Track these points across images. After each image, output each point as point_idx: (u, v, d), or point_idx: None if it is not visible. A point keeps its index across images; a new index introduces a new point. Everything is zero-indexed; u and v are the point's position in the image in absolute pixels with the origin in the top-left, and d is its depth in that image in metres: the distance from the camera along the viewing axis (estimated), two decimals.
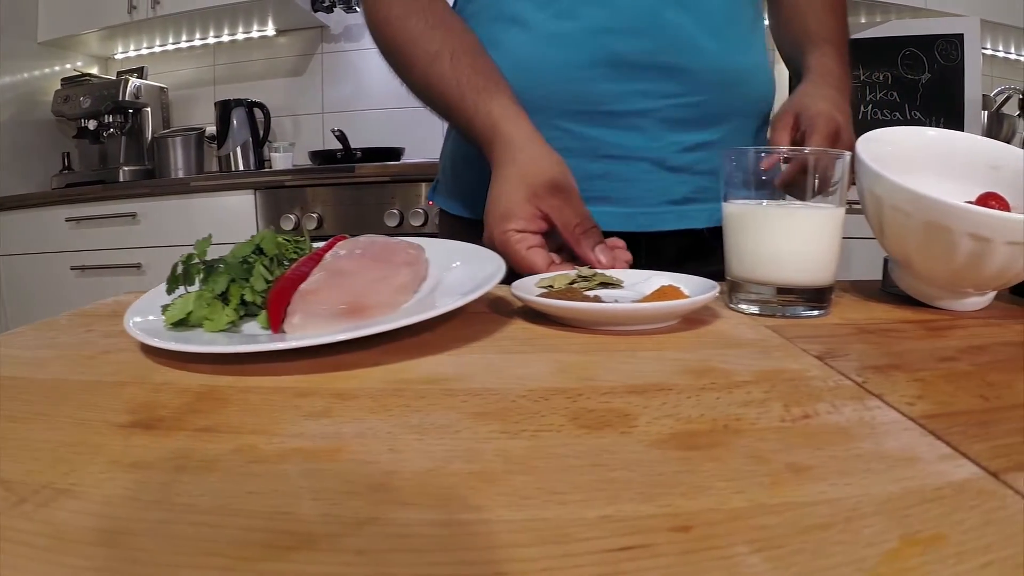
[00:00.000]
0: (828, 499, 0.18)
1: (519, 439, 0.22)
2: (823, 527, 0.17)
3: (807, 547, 0.16)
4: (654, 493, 0.18)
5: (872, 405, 0.25)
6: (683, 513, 0.17)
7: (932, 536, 0.16)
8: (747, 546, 0.16)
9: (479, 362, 0.30)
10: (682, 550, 0.15)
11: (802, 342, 0.33)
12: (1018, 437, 0.22)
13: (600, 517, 0.17)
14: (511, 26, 0.57)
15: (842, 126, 0.50)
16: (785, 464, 0.20)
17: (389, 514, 0.17)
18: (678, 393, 0.26)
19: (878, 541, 0.16)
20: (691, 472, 0.19)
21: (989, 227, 0.35)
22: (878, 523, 0.17)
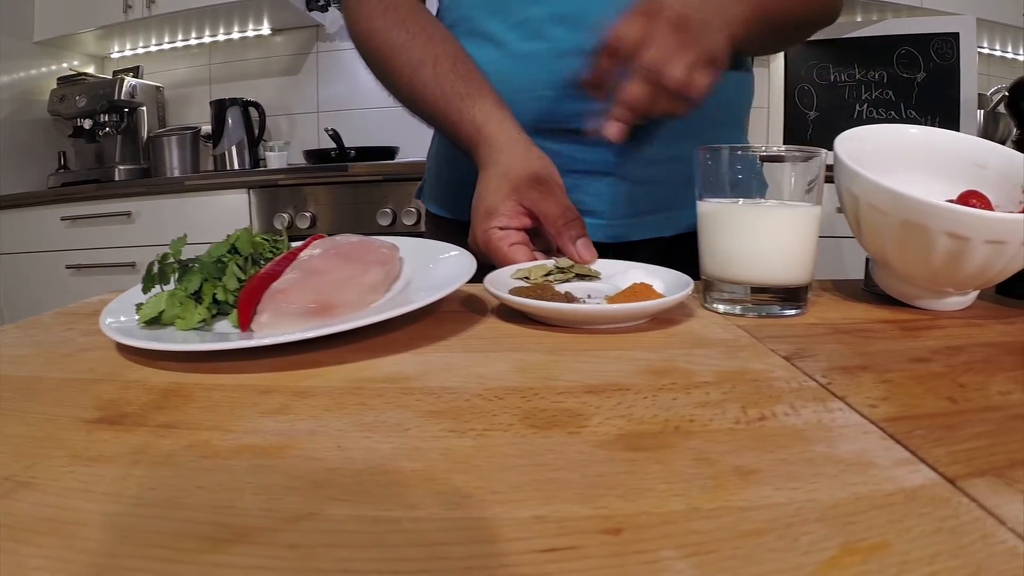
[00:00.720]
0: (770, 504, 0.17)
1: (466, 438, 0.22)
2: (760, 533, 0.16)
3: (740, 553, 0.15)
4: (591, 494, 0.18)
5: (833, 407, 0.24)
6: (617, 515, 0.17)
7: (875, 544, 0.16)
8: (676, 551, 0.15)
9: (441, 361, 0.30)
10: (610, 553, 0.15)
11: (772, 342, 0.33)
12: (983, 441, 0.22)
13: (533, 517, 0.17)
14: (483, 43, 0.57)
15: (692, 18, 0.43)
16: (731, 467, 0.20)
17: (326, 510, 0.17)
18: (635, 393, 0.26)
19: (816, 549, 0.16)
20: (633, 474, 0.19)
21: (967, 226, 0.35)
22: (819, 530, 0.16)
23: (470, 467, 0.19)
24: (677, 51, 0.42)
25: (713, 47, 0.44)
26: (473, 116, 0.51)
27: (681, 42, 0.42)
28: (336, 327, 0.31)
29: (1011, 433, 0.22)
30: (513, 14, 0.56)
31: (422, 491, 0.18)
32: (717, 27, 0.45)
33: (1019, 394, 0.26)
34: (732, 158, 0.39)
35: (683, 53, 0.42)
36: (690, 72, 0.42)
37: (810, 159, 0.39)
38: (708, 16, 0.44)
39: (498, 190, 0.48)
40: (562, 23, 0.55)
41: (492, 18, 0.57)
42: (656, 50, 0.42)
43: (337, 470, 0.19)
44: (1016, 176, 0.44)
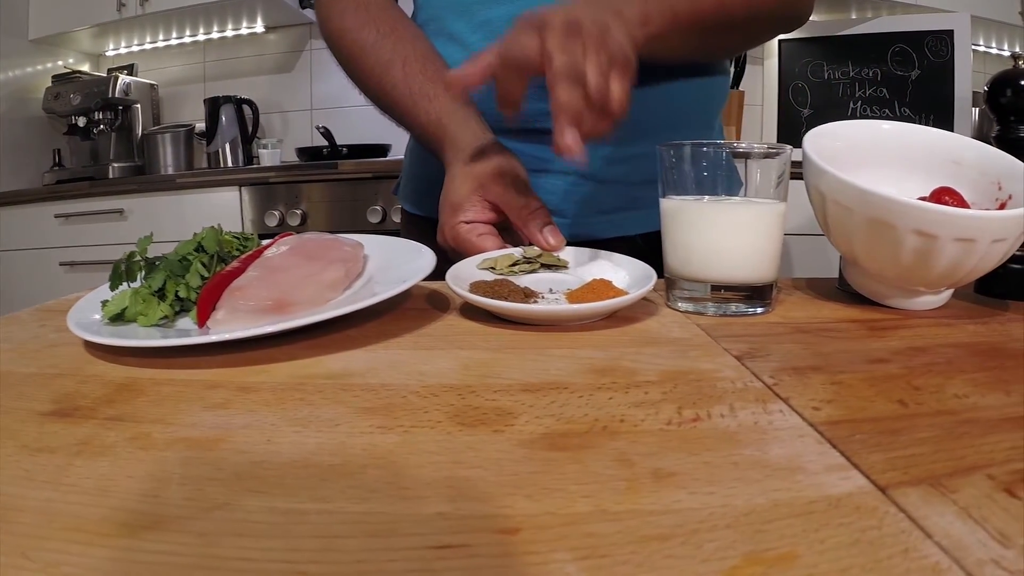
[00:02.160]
0: (680, 508, 0.17)
1: (391, 435, 0.22)
2: (662, 538, 0.16)
3: (636, 559, 0.15)
4: (499, 493, 0.18)
5: (773, 409, 0.23)
6: (518, 515, 0.17)
7: (782, 555, 0.15)
8: (570, 553, 0.15)
9: (389, 358, 0.30)
10: (500, 553, 0.15)
11: (728, 341, 0.32)
12: (926, 447, 0.21)
13: (435, 514, 0.17)
14: (449, 43, 0.57)
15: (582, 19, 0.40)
16: (650, 469, 0.19)
17: (241, 501, 0.18)
18: (572, 392, 0.25)
19: (718, 557, 0.15)
20: (546, 473, 0.19)
21: (934, 223, 0.34)
22: (727, 537, 0.16)
23: (387, 463, 0.20)
24: (583, 54, 0.39)
25: (618, 47, 0.40)
26: (439, 116, 0.51)
27: (584, 45, 0.39)
28: (281, 325, 0.31)
29: (959, 439, 0.21)
30: (476, 15, 0.56)
31: (336, 485, 0.18)
32: (615, 28, 0.41)
33: (976, 397, 0.25)
34: (694, 154, 0.38)
35: (590, 56, 0.39)
36: (604, 79, 0.39)
37: (774, 155, 0.37)
38: (600, 18, 0.41)
39: (463, 186, 0.48)
40: None
41: (458, 19, 0.57)
42: (565, 55, 0.38)
43: (261, 463, 0.20)
44: (993, 172, 0.43)
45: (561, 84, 0.39)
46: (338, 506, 0.17)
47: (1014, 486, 0.18)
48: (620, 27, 0.42)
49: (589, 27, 0.40)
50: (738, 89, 1.59)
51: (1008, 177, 0.42)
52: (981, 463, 0.19)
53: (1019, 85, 0.45)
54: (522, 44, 0.40)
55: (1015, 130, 0.46)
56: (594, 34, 0.40)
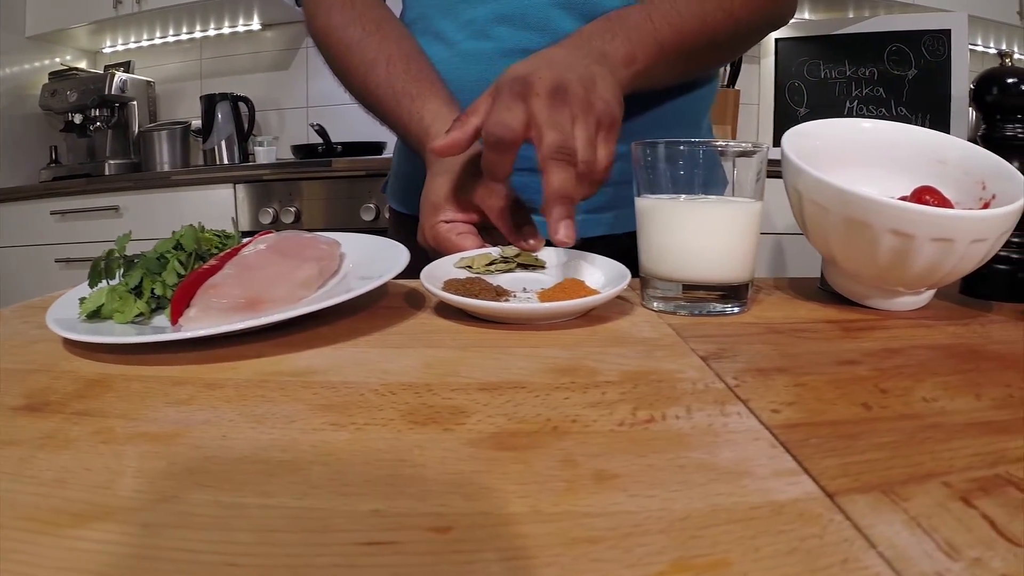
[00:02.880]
0: (616, 511, 0.16)
1: (343, 432, 0.22)
2: (592, 541, 0.15)
3: (561, 561, 0.15)
4: (437, 491, 0.18)
5: (731, 411, 0.23)
6: (453, 514, 0.17)
7: (713, 562, 0.14)
8: (497, 553, 0.15)
9: (355, 356, 0.30)
10: (428, 551, 0.15)
11: (697, 341, 0.31)
12: (884, 452, 0.20)
13: (371, 511, 0.17)
14: (435, 41, 0.57)
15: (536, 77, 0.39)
16: (593, 471, 0.19)
17: (188, 494, 0.18)
18: (529, 392, 0.25)
19: (645, 562, 0.14)
20: (488, 473, 0.19)
21: (910, 222, 0.33)
22: (658, 542, 0.15)
23: (334, 460, 0.20)
24: (571, 125, 0.38)
25: (605, 107, 0.39)
26: (422, 116, 0.51)
27: (571, 113, 0.38)
28: (248, 323, 0.31)
29: (920, 444, 0.20)
30: (461, 14, 0.56)
31: (280, 480, 0.18)
32: (601, 79, 0.40)
33: (944, 401, 0.24)
34: (668, 153, 0.37)
35: (578, 125, 0.38)
36: (592, 148, 0.38)
37: (750, 154, 0.37)
38: (586, 72, 0.40)
39: (443, 186, 0.48)
40: (504, 23, 0.55)
41: (443, 17, 0.57)
42: (555, 131, 0.37)
43: (213, 458, 0.20)
44: (977, 171, 0.42)
45: (553, 167, 0.37)
46: (279, 501, 0.17)
47: (971, 495, 0.17)
48: (606, 76, 0.41)
49: (575, 89, 0.39)
50: (734, 88, 1.58)
51: (992, 176, 0.41)
52: (939, 470, 0.19)
53: (1005, 83, 0.44)
54: (506, 123, 0.38)
55: (1001, 129, 0.45)
56: (580, 96, 0.38)
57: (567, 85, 0.38)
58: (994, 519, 0.16)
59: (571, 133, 0.38)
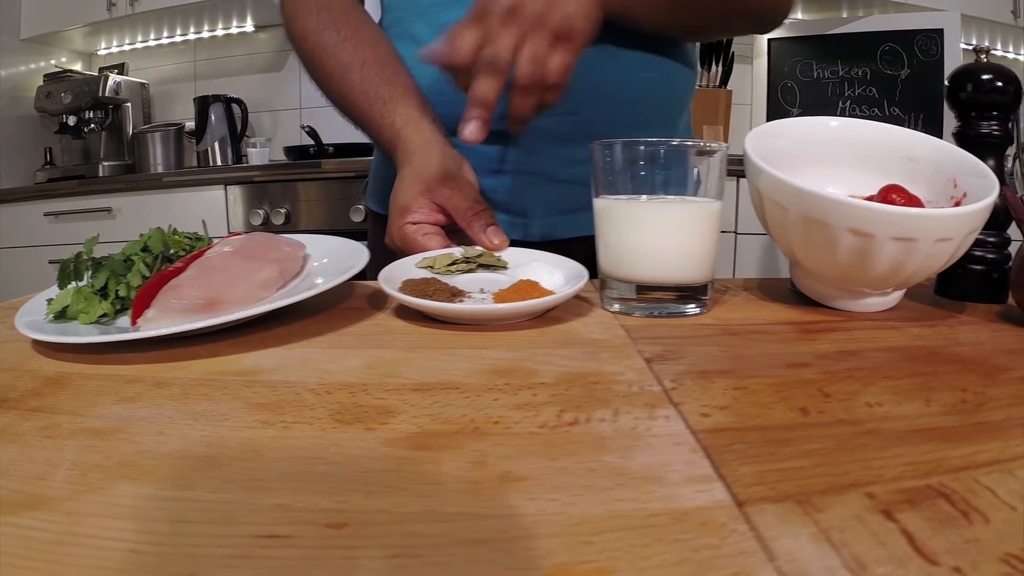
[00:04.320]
0: (513, 514, 0.16)
1: (270, 430, 0.22)
2: (479, 542, 0.15)
3: (443, 561, 0.15)
4: (343, 488, 0.18)
5: (660, 414, 0.22)
6: (351, 511, 0.17)
7: (595, 569, 0.14)
8: (383, 551, 0.15)
9: (303, 356, 0.31)
10: (319, 545, 0.15)
11: (646, 343, 0.30)
12: (810, 460, 0.19)
13: (276, 505, 0.17)
14: (412, 44, 0.57)
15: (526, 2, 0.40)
16: (500, 472, 0.18)
17: (114, 486, 0.18)
18: (461, 393, 0.25)
19: (527, 566, 0.14)
20: (397, 472, 0.19)
21: (869, 221, 0.32)
22: (546, 546, 0.15)
23: (255, 456, 0.20)
24: (518, 40, 0.40)
25: (562, 20, 0.41)
26: (393, 120, 0.52)
27: (521, 29, 0.40)
28: (198, 323, 0.32)
29: (851, 452, 0.19)
30: (436, 17, 0.56)
31: (201, 475, 0.19)
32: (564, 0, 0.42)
33: (890, 406, 0.23)
34: (625, 153, 0.36)
35: (528, 41, 0.40)
36: (538, 59, 0.40)
37: (709, 153, 0.36)
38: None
39: (411, 188, 0.48)
40: None
41: (419, 21, 0.58)
42: (493, 46, 0.40)
43: (145, 453, 0.21)
44: (947, 169, 0.41)
45: (478, 76, 0.40)
46: (195, 494, 0.18)
47: (895, 507, 0.16)
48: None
49: (531, 6, 0.40)
50: (726, 88, 1.57)
51: (963, 173, 0.40)
52: (866, 479, 0.18)
53: (980, 80, 0.43)
54: (456, 45, 0.41)
55: (976, 126, 0.44)
56: (535, 12, 0.40)
57: (524, 3, 0.40)
58: (914, 534, 0.15)
59: (507, 46, 0.40)
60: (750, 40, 1.68)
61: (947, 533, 0.15)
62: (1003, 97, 0.43)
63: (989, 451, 0.20)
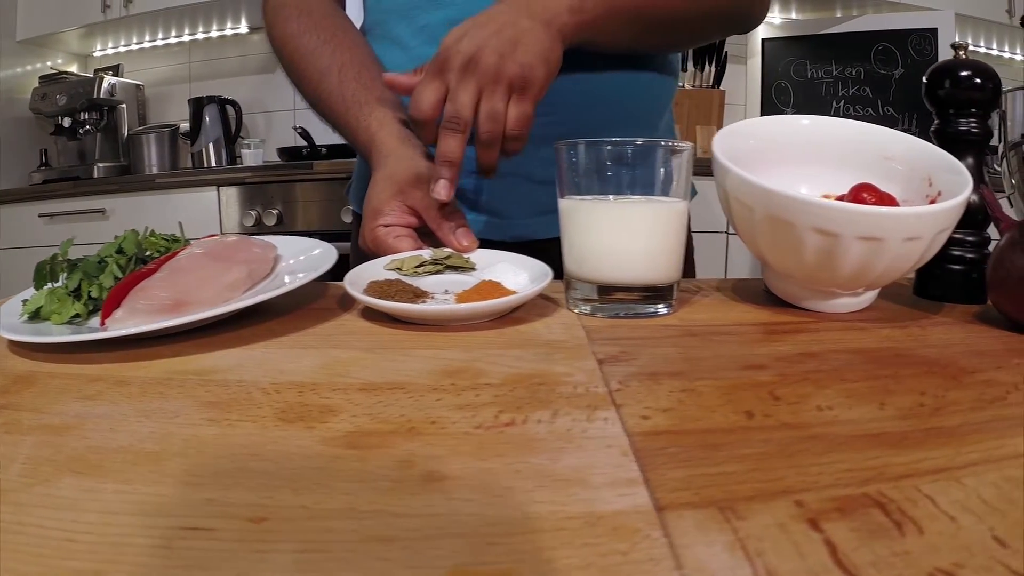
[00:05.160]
0: (427, 513, 0.16)
1: (215, 428, 0.22)
2: (387, 540, 0.15)
3: (350, 557, 0.15)
4: (271, 484, 0.18)
5: (599, 416, 0.21)
6: (273, 506, 0.17)
7: (496, 571, 0.14)
8: (296, 545, 0.15)
9: (262, 356, 0.31)
10: (236, 538, 0.16)
11: (603, 344, 0.30)
12: (742, 465, 0.18)
13: (204, 499, 0.17)
14: (392, 47, 0.58)
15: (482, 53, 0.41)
16: (424, 472, 0.18)
17: (62, 479, 0.19)
18: (405, 392, 0.25)
19: (428, 565, 0.14)
20: (325, 470, 0.19)
21: (833, 221, 0.31)
22: (452, 546, 0.15)
23: (197, 452, 0.20)
24: (476, 95, 0.42)
25: (519, 71, 0.42)
26: (369, 124, 0.52)
27: (478, 84, 0.42)
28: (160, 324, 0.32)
29: (789, 457, 0.19)
30: (416, 19, 0.57)
31: (142, 469, 0.19)
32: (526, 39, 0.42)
33: (841, 410, 0.22)
34: (588, 153, 0.35)
35: (485, 96, 0.42)
36: (495, 115, 0.42)
37: (675, 153, 0.35)
38: (511, 34, 0.42)
39: (384, 191, 0.49)
40: None
41: (399, 23, 0.58)
42: (452, 104, 0.42)
43: (96, 448, 0.21)
44: (922, 167, 0.40)
45: (442, 135, 0.43)
46: (134, 487, 0.18)
47: (823, 516, 0.16)
48: (534, 32, 0.43)
49: (488, 59, 0.41)
50: (719, 88, 1.56)
51: (938, 171, 0.39)
52: (798, 486, 0.17)
53: (958, 76, 0.43)
54: (419, 103, 0.43)
55: (955, 123, 0.43)
56: (491, 66, 0.41)
57: (480, 57, 0.41)
58: (838, 545, 0.14)
59: (467, 104, 0.42)
60: (743, 40, 1.67)
61: (875, 545, 0.14)
62: (981, 94, 0.43)
63: (938, 458, 0.19)
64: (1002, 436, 0.21)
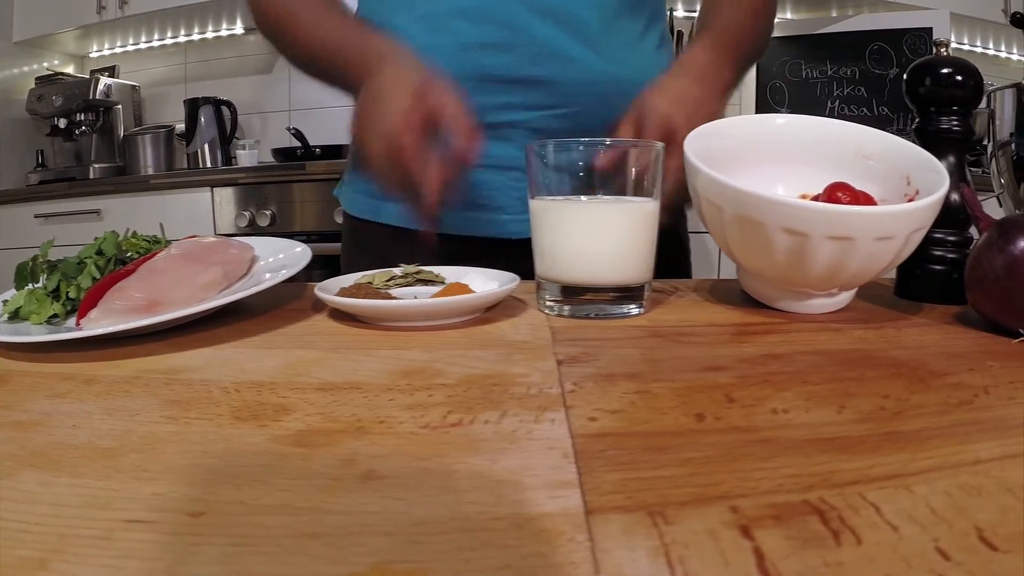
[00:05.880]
0: (360, 511, 0.16)
1: (172, 425, 0.23)
2: (314, 536, 0.15)
3: (275, 552, 0.15)
4: (216, 480, 0.18)
5: (547, 417, 0.21)
6: (214, 501, 0.17)
7: (414, 569, 0.14)
8: (228, 539, 0.15)
9: (228, 355, 0.31)
10: (173, 531, 0.16)
11: (567, 344, 0.29)
12: (683, 469, 0.18)
13: (151, 494, 0.18)
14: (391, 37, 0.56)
15: (679, 125, 0.44)
16: (364, 471, 0.19)
17: (21, 473, 0.19)
18: (361, 392, 0.25)
19: (350, 561, 0.14)
20: (270, 467, 0.19)
21: (802, 220, 0.30)
22: (376, 544, 0.15)
23: (151, 448, 0.21)
24: None
25: None
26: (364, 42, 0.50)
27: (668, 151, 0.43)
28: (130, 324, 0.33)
29: (733, 461, 0.18)
30: (416, 8, 0.56)
31: (97, 465, 0.20)
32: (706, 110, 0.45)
33: (796, 413, 0.22)
34: (558, 154, 0.35)
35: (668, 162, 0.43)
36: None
37: (644, 153, 0.34)
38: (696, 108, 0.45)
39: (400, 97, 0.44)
40: (464, 17, 0.54)
41: (398, 12, 0.57)
42: None
43: (56, 444, 0.21)
44: (901, 166, 0.39)
45: None
46: (85, 481, 0.19)
47: (757, 523, 0.15)
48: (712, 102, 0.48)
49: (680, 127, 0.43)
50: None
51: (916, 169, 0.39)
52: (737, 492, 0.16)
53: (939, 74, 0.42)
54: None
55: (936, 121, 0.42)
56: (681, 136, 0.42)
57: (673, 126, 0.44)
58: (767, 553, 0.14)
59: None
60: None
61: (806, 554, 0.14)
62: (963, 91, 0.42)
63: (890, 464, 0.18)
64: (963, 441, 0.20)
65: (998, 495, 0.16)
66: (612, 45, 0.55)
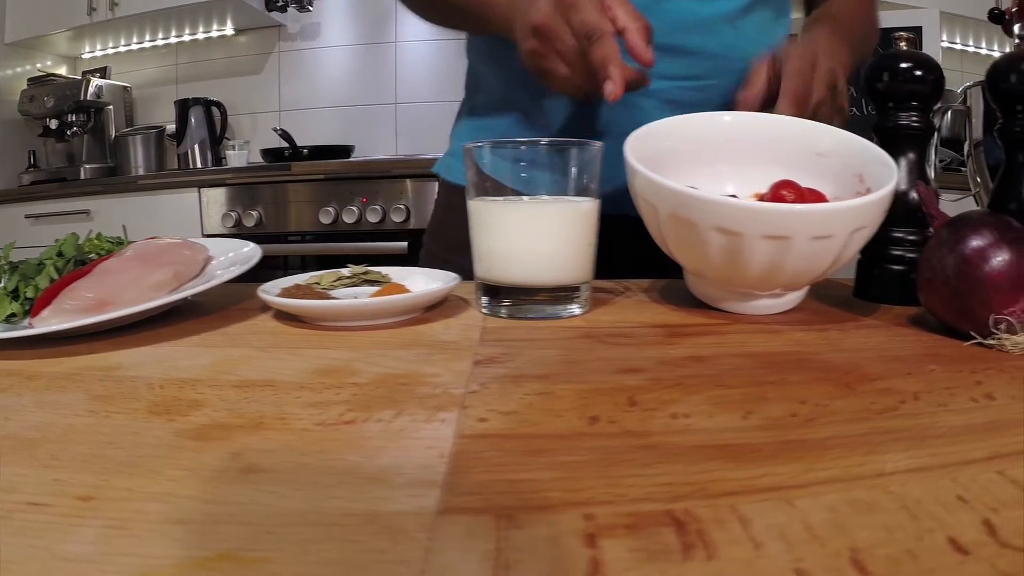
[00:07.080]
0: (232, 501, 0.17)
1: (92, 418, 0.23)
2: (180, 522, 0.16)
3: (137, 533, 0.16)
4: (113, 468, 0.19)
5: (439, 417, 0.21)
6: (105, 487, 0.18)
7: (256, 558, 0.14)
8: (103, 522, 0.16)
9: (165, 353, 0.32)
10: (60, 513, 0.17)
11: (492, 345, 0.29)
12: (554, 473, 0.17)
13: (53, 480, 0.19)
14: None
15: (819, 53, 0.46)
16: (248, 465, 0.19)
17: None
18: (274, 390, 0.25)
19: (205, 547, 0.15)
20: (166, 459, 0.20)
21: (733, 219, 0.30)
22: (233, 533, 0.15)
23: (67, 439, 0.21)
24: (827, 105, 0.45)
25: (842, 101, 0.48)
26: None
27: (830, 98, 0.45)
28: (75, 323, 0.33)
29: (609, 467, 0.18)
30: None
31: (14, 453, 0.20)
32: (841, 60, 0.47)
33: (698, 418, 0.21)
34: (496, 154, 0.34)
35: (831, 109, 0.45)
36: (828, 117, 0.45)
37: (582, 152, 0.34)
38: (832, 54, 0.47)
39: None
40: None
41: None
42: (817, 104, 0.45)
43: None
44: (854, 162, 0.39)
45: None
46: (2, 469, 0.19)
47: (608, 531, 0.14)
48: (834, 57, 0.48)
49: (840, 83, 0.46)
50: None
51: (867, 165, 0.38)
52: (600, 499, 0.16)
53: (897, 68, 0.41)
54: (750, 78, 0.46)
55: (895, 117, 0.41)
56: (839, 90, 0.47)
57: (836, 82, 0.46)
58: (605, 563, 0.13)
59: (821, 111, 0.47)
60: None
61: (648, 568, 0.13)
62: (922, 87, 0.41)
63: (781, 474, 0.17)
64: (871, 452, 0.19)
65: (891, 512, 0.15)
66: (749, 23, 0.55)
